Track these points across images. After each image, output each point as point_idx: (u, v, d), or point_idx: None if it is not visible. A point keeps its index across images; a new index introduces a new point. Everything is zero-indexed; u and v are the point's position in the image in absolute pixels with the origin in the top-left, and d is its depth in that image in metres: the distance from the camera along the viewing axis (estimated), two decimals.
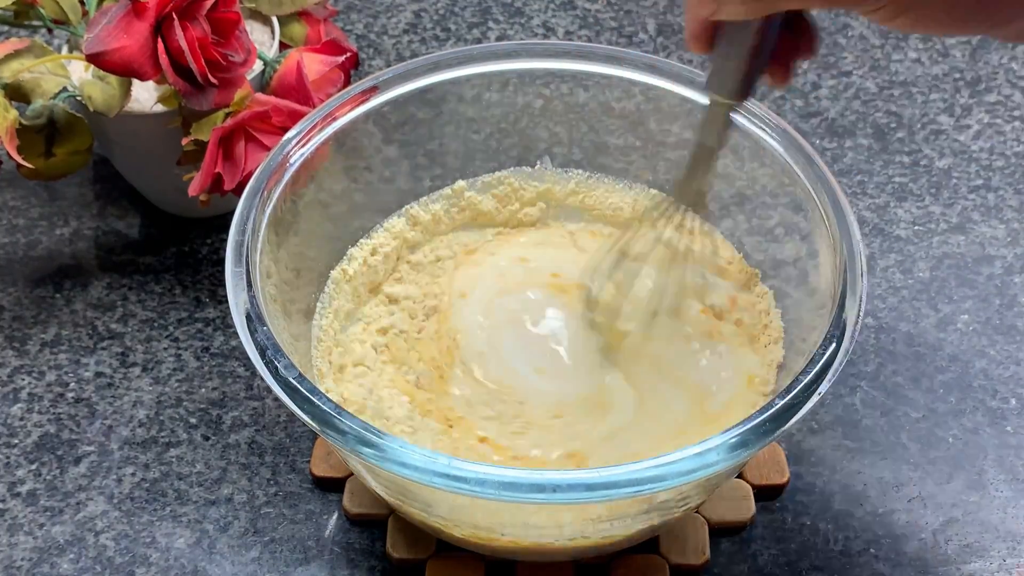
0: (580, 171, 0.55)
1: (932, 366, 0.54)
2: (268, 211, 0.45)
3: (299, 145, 0.47)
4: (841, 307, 0.41)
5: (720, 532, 0.48)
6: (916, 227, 0.61)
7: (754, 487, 0.49)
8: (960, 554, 0.48)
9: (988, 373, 0.54)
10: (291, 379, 0.39)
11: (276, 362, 0.40)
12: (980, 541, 0.48)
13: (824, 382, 0.39)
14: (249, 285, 0.42)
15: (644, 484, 0.36)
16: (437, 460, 0.37)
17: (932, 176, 0.63)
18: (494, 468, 0.36)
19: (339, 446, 0.38)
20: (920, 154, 0.64)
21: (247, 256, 0.43)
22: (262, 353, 0.40)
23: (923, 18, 0.33)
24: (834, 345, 0.40)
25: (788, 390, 0.39)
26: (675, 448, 0.37)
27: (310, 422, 0.39)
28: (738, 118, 0.48)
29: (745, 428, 0.38)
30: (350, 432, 0.38)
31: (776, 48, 0.40)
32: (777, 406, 0.38)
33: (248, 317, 0.41)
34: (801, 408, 0.38)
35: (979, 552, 0.48)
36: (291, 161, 0.47)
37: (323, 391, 0.39)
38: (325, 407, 0.38)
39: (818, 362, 0.40)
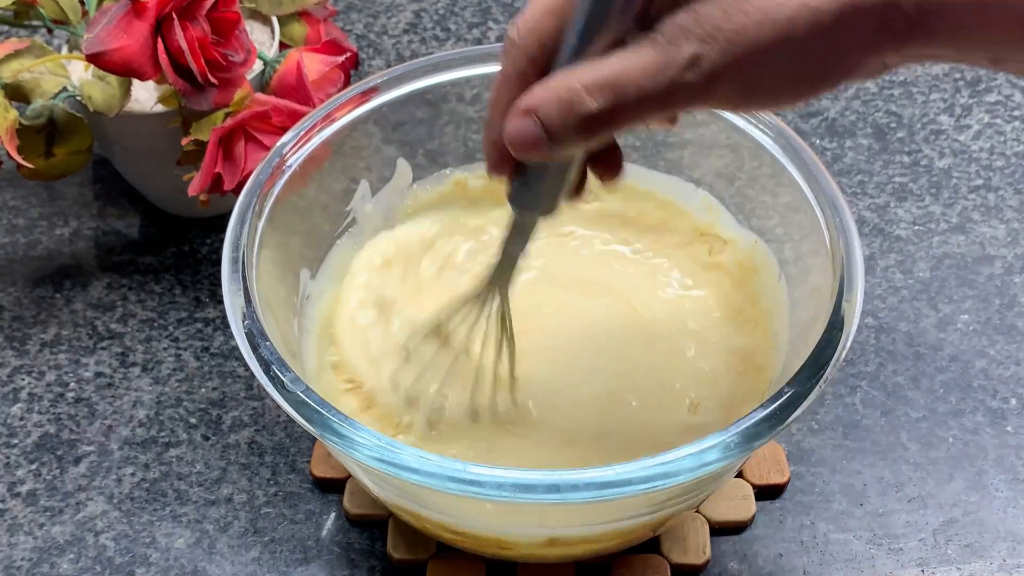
0: None
1: (932, 366, 0.54)
2: (263, 219, 0.45)
3: (294, 149, 0.47)
4: (839, 306, 0.41)
5: (721, 531, 0.48)
6: (916, 227, 0.61)
7: (755, 486, 0.49)
8: (960, 554, 0.48)
9: (988, 373, 0.54)
10: (299, 393, 0.39)
11: (283, 376, 0.39)
12: (980, 541, 0.48)
13: (824, 377, 0.39)
14: (248, 300, 0.42)
15: (657, 480, 0.36)
16: (452, 466, 0.37)
17: (932, 176, 0.63)
18: (509, 471, 0.37)
19: (348, 454, 0.38)
20: (920, 154, 0.64)
21: (243, 271, 0.43)
22: (266, 369, 0.40)
23: (769, 96, 0.33)
24: (832, 343, 0.40)
25: (791, 386, 0.39)
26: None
27: (315, 431, 0.38)
28: (737, 119, 0.48)
29: (757, 418, 0.38)
30: (362, 442, 0.38)
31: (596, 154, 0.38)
32: (782, 399, 0.38)
33: (250, 334, 0.41)
34: (805, 400, 0.39)
35: (979, 552, 0.48)
36: (287, 166, 0.47)
37: (329, 402, 0.39)
38: (335, 419, 0.38)
39: (816, 359, 0.40)
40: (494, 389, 0.45)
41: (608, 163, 0.39)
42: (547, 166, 0.37)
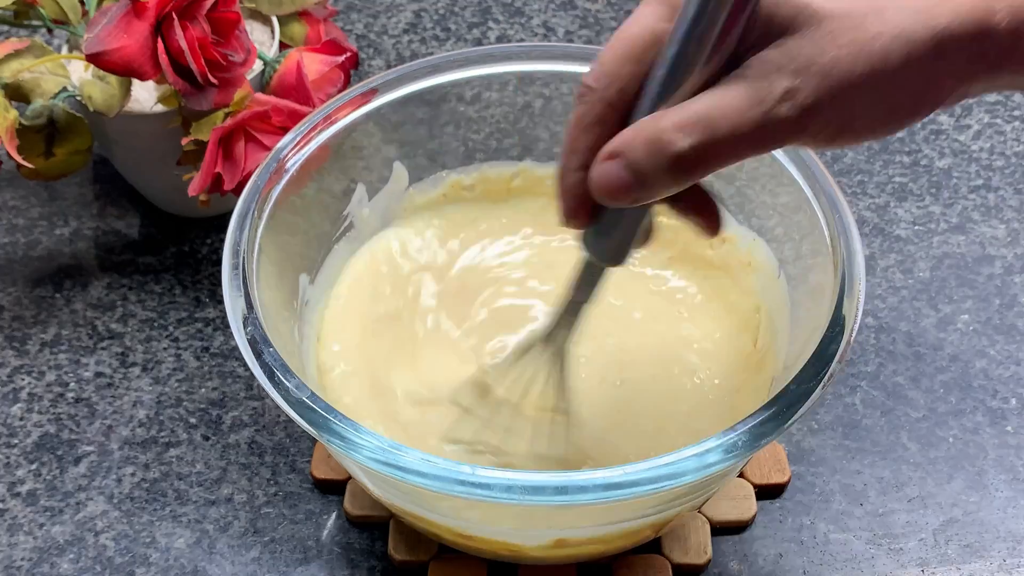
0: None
1: (932, 366, 0.54)
2: (263, 222, 0.45)
3: (294, 151, 0.47)
4: (840, 306, 0.41)
5: (721, 531, 0.48)
6: (916, 227, 0.61)
7: (755, 486, 0.49)
8: (960, 554, 0.48)
9: (988, 373, 0.54)
10: (304, 399, 0.39)
11: (287, 383, 0.39)
12: (980, 541, 0.48)
13: (829, 374, 0.39)
14: (250, 306, 0.42)
15: (664, 481, 0.36)
16: (460, 470, 0.36)
17: (932, 176, 0.63)
18: (517, 473, 0.36)
19: (352, 457, 0.38)
20: (920, 154, 0.64)
21: (244, 276, 0.43)
22: (270, 375, 0.40)
23: (863, 129, 0.33)
24: (835, 340, 0.40)
25: (795, 384, 0.39)
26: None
27: (320, 436, 0.38)
28: None
29: (764, 416, 0.38)
30: (366, 445, 0.38)
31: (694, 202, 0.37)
32: (786, 398, 0.38)
33: (252, 340, 0.41)
34: (809, 397, 0.39)
35: (979, 552, 0.48)
36: (286, 168, 0.47)
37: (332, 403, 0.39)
38: (341, 424, 0.38)
39: (820, 356, 0.40)
40: (550, 442, 0.44)
41: (704, 213, 0.38)
42: (623, 213, 0.36)
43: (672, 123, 0.31)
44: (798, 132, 0.32)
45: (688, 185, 0.33)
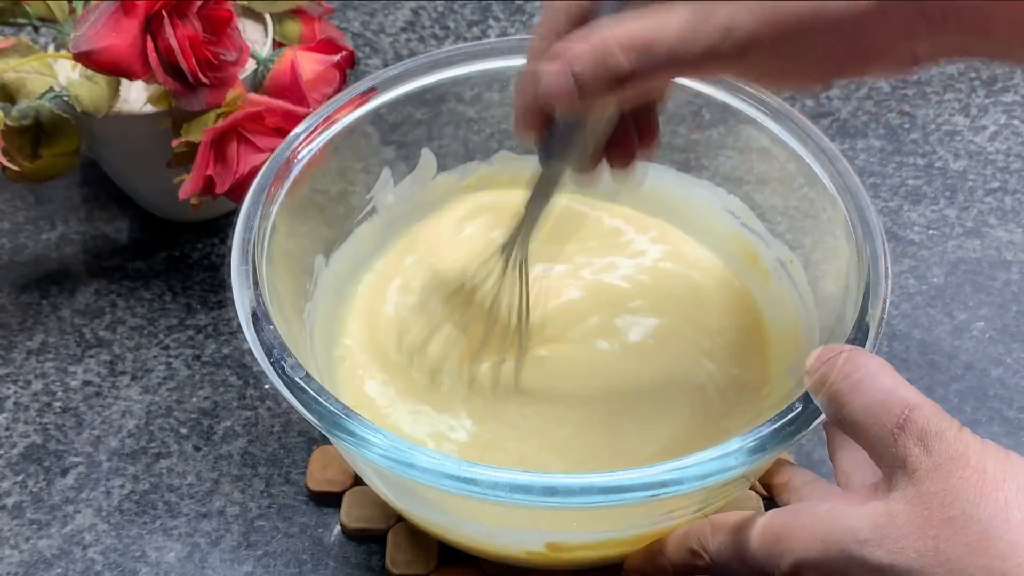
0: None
1: (946, 375, 0.53)
2: (273, 210, 0.44)
3: (305, 143, 0.47)
4: (864, 310, 0.40)
5: None
6: (930, 231, 0.59)
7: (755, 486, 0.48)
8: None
9: (1005, 382, 0.53)
10: (298, 379, 0.38)
11: (283, 361, 0.39)
12: None
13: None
14: (256, 283, 0.41)
15: (659, 488, 0.36)
16: (446, 462, 0.36)
17: (947, 179, 0.62)
18: (506, 472, 0.36)
19: (346, 447, 0.38)
20: (934, 156, 0.63)
21: (252, 253, 0.42)
22: (268, 352, 0.39)
23: (798, 74, 0.34)
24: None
25: (799, 386, 0.38)
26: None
27: (317, 423, 0.38)
28: (760, 115, 0.47)
29: (765, 432, 0.37)
30: (357, 433, 0.37)
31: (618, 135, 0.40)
32: (797, 409, 0.38)
33: (255, 316, 0.40)
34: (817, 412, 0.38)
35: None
36: (298, 158, 0.46)
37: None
38: (332, 407, 0.38)
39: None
40: (500, 356, 0.46)
41: (644, 128, 0.41)
42: (575, 121, 0.39)
43: (618, 41, 0.33)
44: (733, 66, 0.33)
45: (625, 97, 0.36)
